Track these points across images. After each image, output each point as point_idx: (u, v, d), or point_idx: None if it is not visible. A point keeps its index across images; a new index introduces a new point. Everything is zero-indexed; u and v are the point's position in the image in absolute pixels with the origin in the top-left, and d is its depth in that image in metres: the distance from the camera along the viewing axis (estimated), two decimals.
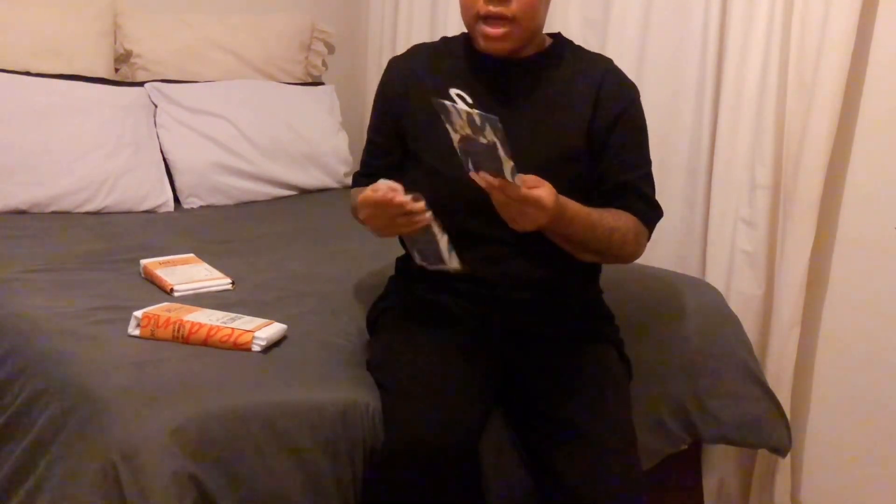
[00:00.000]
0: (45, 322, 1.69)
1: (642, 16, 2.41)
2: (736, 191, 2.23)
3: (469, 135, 1.38)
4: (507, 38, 1.56)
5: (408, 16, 3.05)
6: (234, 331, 1.60)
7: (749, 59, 2.16)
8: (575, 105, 1.62)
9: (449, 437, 1.41)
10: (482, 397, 1.51)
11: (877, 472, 2.12)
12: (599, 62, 1.69)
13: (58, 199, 2.47)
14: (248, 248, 2.28)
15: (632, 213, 1.63)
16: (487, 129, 1.34)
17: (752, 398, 2.01)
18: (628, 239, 1.60)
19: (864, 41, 2.02)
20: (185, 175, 2.69)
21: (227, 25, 3.00)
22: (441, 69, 1.67)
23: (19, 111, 2.48)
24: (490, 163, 1.39)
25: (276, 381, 1.51)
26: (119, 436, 1.33)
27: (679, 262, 2.36)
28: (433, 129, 1.55)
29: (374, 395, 1.51)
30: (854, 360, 2.13)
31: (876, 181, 2.06)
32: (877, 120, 2.05)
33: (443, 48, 1.72)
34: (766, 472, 2.25)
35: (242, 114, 2.80)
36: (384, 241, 1.83)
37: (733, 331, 2.08)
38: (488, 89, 1.63)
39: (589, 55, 1.71)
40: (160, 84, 2.79)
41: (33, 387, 1.52)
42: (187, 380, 1.47)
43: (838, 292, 2.15)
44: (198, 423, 1.35)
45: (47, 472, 1.40)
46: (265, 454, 1.38)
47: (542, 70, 1.65)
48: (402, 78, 1.70)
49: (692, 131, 2.33)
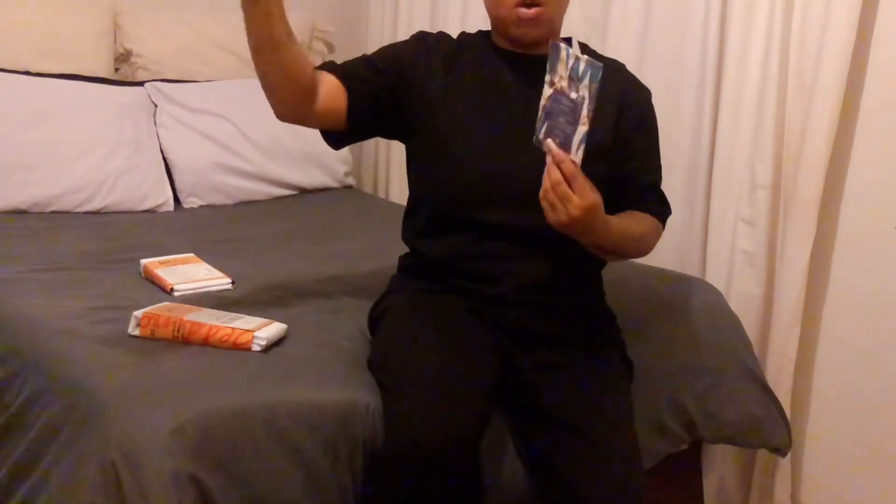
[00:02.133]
0: (45, 322, 1.69)
1: (642, 15, 2.41)
2: (736, 190, 2.23)
3: (563, 88, 1.39)
4: (540, 21, 1.59)
5: (408, 16, 3.05)
6: (235, 330, 1.60)
7: (749, 58, 2.16)
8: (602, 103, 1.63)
9: (450, 438, 1.40)
10: (483, 398, 1.51)
11: (877, 472, 2.12)
12: (617, 65, 1.74)
13: (58, 199, 2.47)
14: (248, 247, 2.28)
15: (650, 213, 1.69)
16: (585, 81, 1.35)
17: (752, 398, 2.01)
18: (651, 242, 1.69)
19: (865, 40, 2.02)
20: (184, 174, 2.69)
21: (226, 25, 3.00)
22: (463, 65, 1.68)
23: (19, 111, 2.48)
24: (567, 125, 1.39)
25: (276, 381, 1.51)
26: (119, 435, 1.33)
27: (679, 261, 2.36)
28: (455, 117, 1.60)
29: (375, 395, 1.51)
30: (854, 359, 2.13)
31: (876, 181, 2.06)
32: (877, 119, 2.05)
33: (464, 44, 1.72)
34: (766, 472, 2.25)
35: (242, 113, 2.80)
36: (384, 240, 1.84)
37: (733, 330, 2.08)
38: (511, 85, 1.65)
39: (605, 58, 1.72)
40: (160, 83, 2.79)
41: (33, 386, 1.52)
42: (187, 379, 1.47)
43: (838, 292, 2.15)
44: (198, 423, 1.35)
45: (47, 471, 1.40)
46: (265, 454, 1.38)
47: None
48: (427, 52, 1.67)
49: (692, 130, 2.33)
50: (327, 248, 2.29)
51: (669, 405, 1.90)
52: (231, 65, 2.96)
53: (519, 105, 1.63)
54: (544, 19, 1.59)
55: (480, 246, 1.62)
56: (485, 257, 1.62)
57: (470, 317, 1.63)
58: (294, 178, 2.86)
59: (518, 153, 1.60)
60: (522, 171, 1.58)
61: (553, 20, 1.63)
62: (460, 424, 1.43)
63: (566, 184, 1.40)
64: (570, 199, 1.41)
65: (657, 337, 1.94)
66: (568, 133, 1.40)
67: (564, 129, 1.40)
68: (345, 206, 2.79)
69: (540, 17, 1.58)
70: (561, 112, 1.40)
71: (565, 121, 1.40)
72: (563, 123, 1.40)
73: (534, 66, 1.63)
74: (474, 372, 1.53)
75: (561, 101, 1.40)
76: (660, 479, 1.91)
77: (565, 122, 1.40)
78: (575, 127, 1.38)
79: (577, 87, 1.37)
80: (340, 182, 2.98)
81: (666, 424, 1.89)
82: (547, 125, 1.43)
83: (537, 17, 1.58)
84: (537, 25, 1.59)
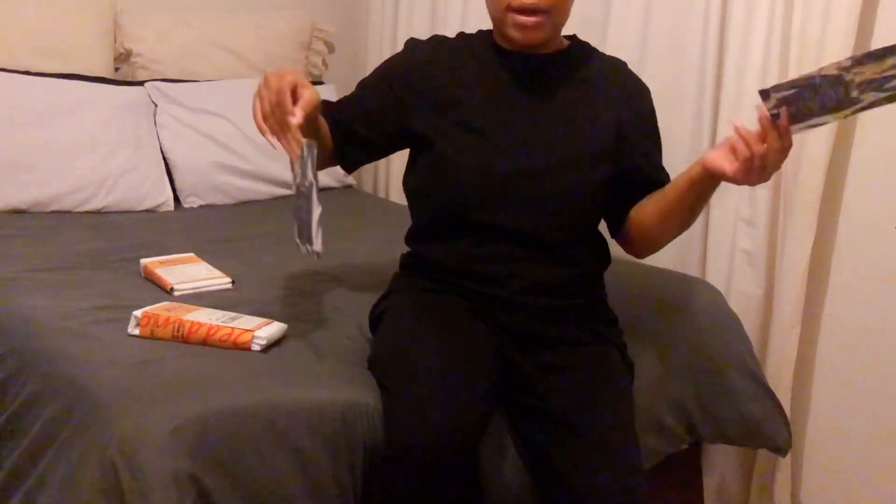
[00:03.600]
0: (44, 321, 1.69)
1: (642, 14, 2.41)
2: (736, 190, 2.22)
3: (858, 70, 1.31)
4: (541, 28, 1.58)
5: (408, 15, 3.05)
6: (234, 330, 1.60)
7: (749, 58, 2.15)
8: (605, 104, 1.66)
9: (450, 437, 1.40)
10: (484, 397, 1.51)
11: (877, 472, 2.12)
12: (618, 63, 1.74)
13: (58, 199, 2.47)
14: (248, 247, 2.28)
15: None
16: (889, 59, 1.28)
17: (752, 397, 2.01)
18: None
19: (865, 40, 2.02)
20: (185, 174, 2.69)
21: (227, 24, 3.00)
22: (465, 66, 1.67)
23: (19, 110, 2.48)
24: (830, 99, 1.34)
25: (276, 381, 1.51)
26: (119, 435, 1.33)
27: (679, 261, 2.36)
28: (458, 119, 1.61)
29: (375, 395, 1.51)
30: (854, 359, 2.13)
31: (876, 180, 2.06)
32: (877, 118, 2.04)
33: (463, 45, 1.71)
34: (766, 471, 2.25)
35: (242, 113, 2.74)
36: (384, 240, 1.84)
37: (733, 330, 2.08)
38: (516, 86, 1.64)
39: (606, 56, 1.75)
40: (160, 83, 2.79)
41: (33, 386, 1.52)
42: (187, 379, 1.47)
43: (839, 292, 2.15)
44: (198, 423, 1.35)
45: (47, 471, 1.40)
46: (265, 453, 1.38)
47: (567, 68, 1.67)
48: (418, 63, 1.69)
49: (692, 130, 2.33)
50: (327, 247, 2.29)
51: (669, 405, 1.90)
52: (231, 65, 2.96)
53: (521, 105, 1.63)
54: (546, 26, 1.58)
55: (484, 248, 1.62)
56: (489, 259, 1.62)
57: (471, 317, 1.62)
58: None
59: (522, 154, 1.60)
60: (527, 171, 1.58)
61: (555, 28, 1.62)
62: (461, 424, 1.43)
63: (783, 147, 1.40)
64: (777, 162, 1.42)
65: (657, 337, 1.94)
66: (837, 102, 1.34)
67: (831, 100, 1.34)
68: (345, 205, 2.79)
69: (541, 25, 1.57)
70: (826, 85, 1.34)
71: (827, 93, 1.34)
72: (826, 95, 1.35)
73: (535, 65, 1.63)
74: (475, 371, 1.52)
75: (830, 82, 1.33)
76: (660, 479, 1.91)
77: (826, 94, 1.34)
78: (840, 100, 1.33)
79: (878, 68, 1.30)
80: (340, 182, 2.98)
81: (666, 424, 1.89)
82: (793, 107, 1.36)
83: (538, 25, 1.57)
84: (539, 31, 1.58)
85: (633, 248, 1.75)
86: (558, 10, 1.58)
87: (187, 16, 2.97)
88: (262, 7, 3.16)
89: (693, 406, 1.93)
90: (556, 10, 1.57)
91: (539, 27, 1.57)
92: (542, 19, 1.57)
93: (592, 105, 1.66)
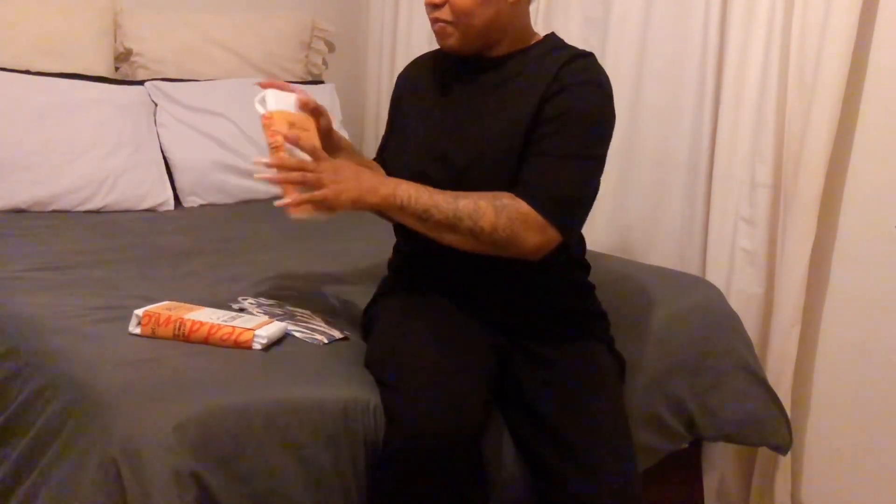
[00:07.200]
0: (45, 320, 1.69)
1: (643, 15, 2.41)
2: (736, 189, 2.23)
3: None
4: (450, 35, 1.61)
5: (408, 14, 3.05)
6: (235, 329, 1.60)
7: (749, 57, 2.16)
8: (531, 102, 1.57)
9: (451, 430, 1.41)
10: (483, 390, 1.52)
11: (877, 472, 2.12)
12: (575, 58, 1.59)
13: (58, 198, 2.47)
14: (248, 246, 2.28)
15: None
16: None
17: (752, 396, 2.01)
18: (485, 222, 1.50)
19: (865, 40, 2.03)
20: (185, 173, 2.69)
21: (227, 24, 3.00)
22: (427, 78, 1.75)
23: (19, 110, 2.48)
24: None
25: (277, 379, 1.51)
26: (120, 433, 1.33)
27: (679, 260, 2.37)
28: (404, 125, 1.72)
29: (375, 392, 1.51)
30: (854, 359, 2.13)
31: (876, 180, 2.06)
32: (877, 119, 2.05)
33: (432, 58, 1.79)
34: (766, 470, 2.25)
35: (242, 112, 2.79)
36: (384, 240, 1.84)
37: (734, 329, 2.08)
38: (452, 90, 1.69)
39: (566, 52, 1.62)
40: (160, 83, 2.79)
41: (34, 385, 1.52)
42: (188, 377, 1.47)
43: (838, 291, 2.15)
44: (199, 421, 1.35)
45: (48, 469, 1.40)
46: (266, 451, 1.38)
47: (508, 68, 1.64)
48: (400, 88, 1.81)
49: (692, 130, 2.33)
50: (327, 246, 2.29)
51: (670, 403, 1.91)
52: (231, 64, 2.96)
53: (449, 107, 1.67)
54: (453, 32, 1.60)
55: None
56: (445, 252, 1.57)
57: (462, 314, 1.64)
58: None
59: (439, 153, 1.62)
60: (443, 170, 1.60)
61: (469, 33, 1.59)
62: (461, 417, 1.43)
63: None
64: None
65: (657, 335, 1.94)
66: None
67: None
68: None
69: (446, 31, 1.61)
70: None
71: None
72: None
73: (475, 68, 1.66)
74: (472, 365, 1.53)
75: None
76: (660, 478, 1.91)
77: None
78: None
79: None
80: None
81: (666, 423, 1.89)
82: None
83: (443, 32, 1.61)
84: (449, 38, 1.61)
85: None
86: (462, 20, 1.57)
87: (187, 15, 2.97)
88: (263, 6, 3.16)
89: (693, 404, 1.93)
90: (460, 22, 1.58)
91: (447, 35, 1.61)
92: (450, 29, 1.60)
93: (517, 103, 1.59)
